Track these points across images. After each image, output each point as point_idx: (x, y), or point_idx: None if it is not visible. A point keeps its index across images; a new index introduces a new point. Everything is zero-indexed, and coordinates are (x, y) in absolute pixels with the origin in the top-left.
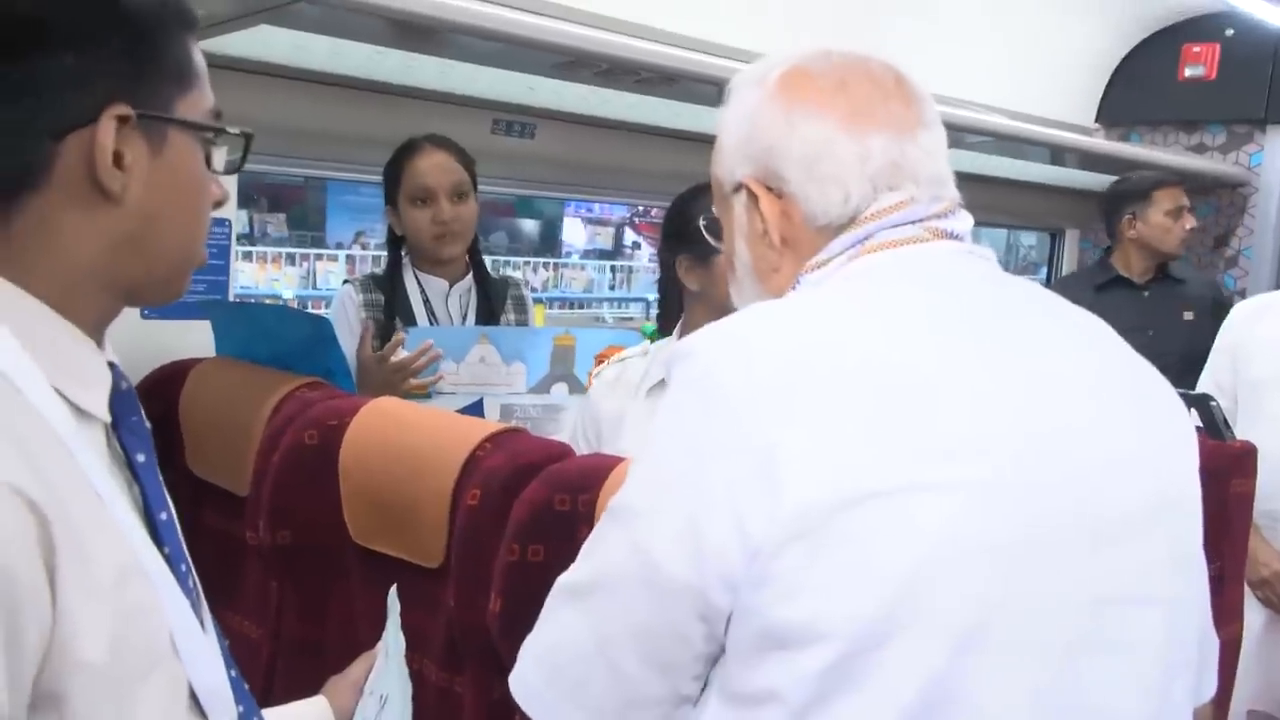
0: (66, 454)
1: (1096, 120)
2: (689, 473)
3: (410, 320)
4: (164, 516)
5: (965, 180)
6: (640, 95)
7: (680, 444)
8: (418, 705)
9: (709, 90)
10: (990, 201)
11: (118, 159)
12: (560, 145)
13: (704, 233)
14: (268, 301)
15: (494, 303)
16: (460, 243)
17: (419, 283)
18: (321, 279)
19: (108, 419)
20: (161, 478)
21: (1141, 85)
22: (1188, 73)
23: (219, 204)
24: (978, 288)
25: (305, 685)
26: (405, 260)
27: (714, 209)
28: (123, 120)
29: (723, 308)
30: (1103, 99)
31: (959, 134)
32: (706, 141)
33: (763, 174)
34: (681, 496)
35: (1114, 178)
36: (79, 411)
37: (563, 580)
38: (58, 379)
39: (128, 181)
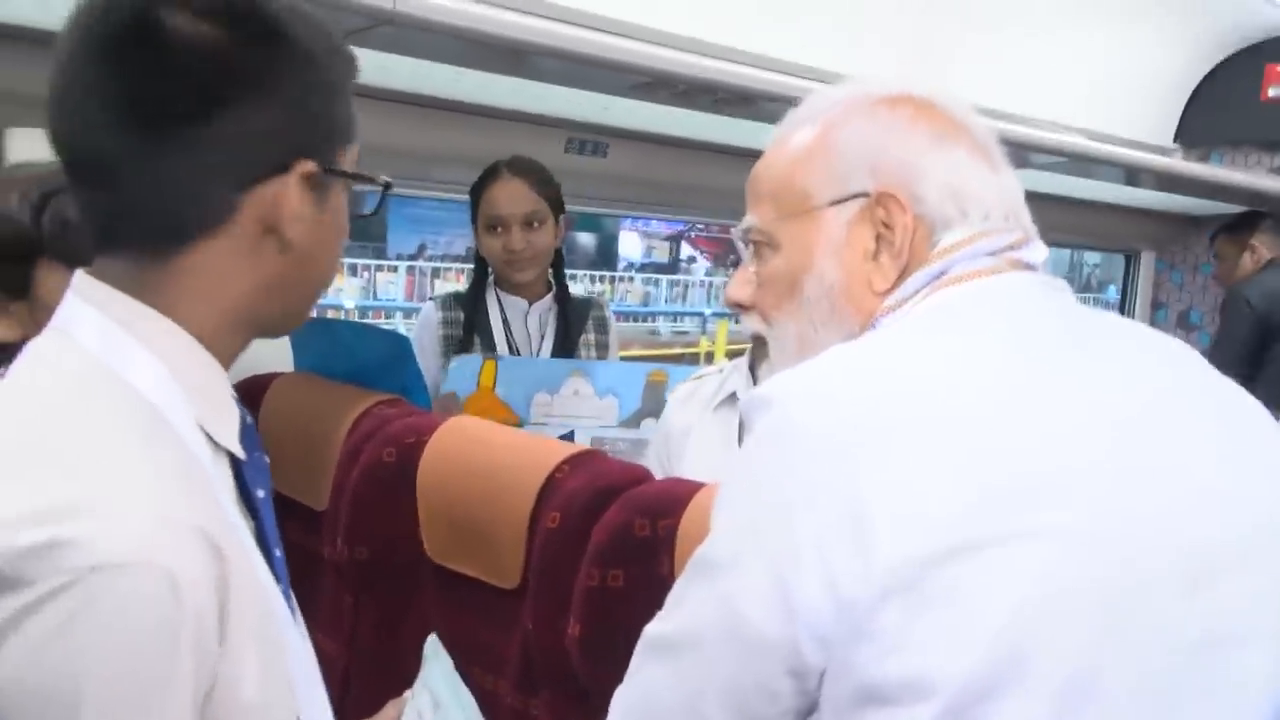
0: (214, 491)
1: (1175, 140)
2: (773, 527)
3: (488, 338)
4: (278, 553)
5: (1039, 200)
6: (714, 115)
7: (762, 496)
8: None
9: (785, 110)
10: (1064, 222)
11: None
12: (632, 163)
13: (742, 245)
14: (330, 313)
15: (573, 323)
16: (532, 269)
17: (499, 302)
18: (382, 290)
19: (242, 454)
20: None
21: (1223, 105)
22: (1271, 92)
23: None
24: (1058, 320)
25: (380, 699)
26: (490, 279)
27: (761, 224)
28: (309, 175)
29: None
30: (1182, 119)
31: (1033, 153)
32: None
33: (896, 190)
34: (766, 551)
35: (1193, 199)
36: (215, 446)
37: (650, 632)
38: (200, 412)
39: (300, 229)
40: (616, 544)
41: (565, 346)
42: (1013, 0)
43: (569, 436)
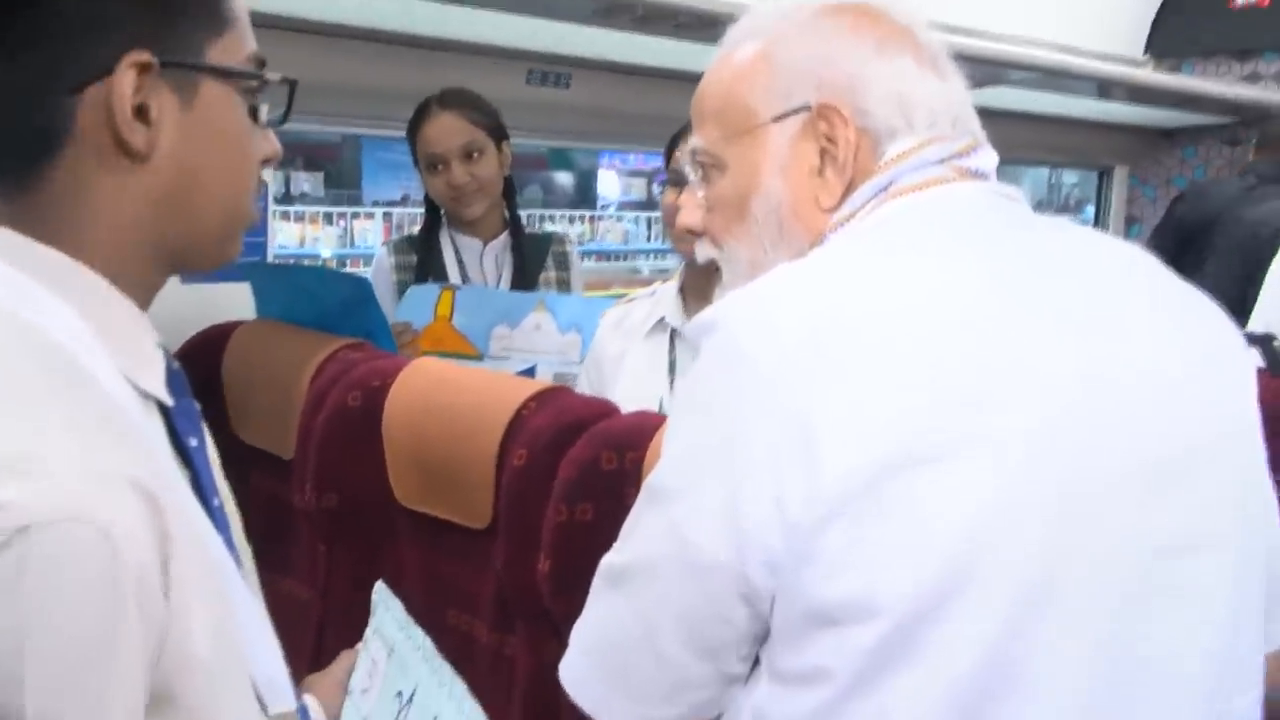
0: (145, 439)
1: (1146, 52)
2: (721, 449)
3: (442, 280)
4: (216, 503)
5: (1009, 118)
6: (677, 41)
7: (710, 420)
8: (469, 667)
9: None
10: (1035, 140)
11: (142, 112)
12: (596, 94)
13: (690, 168)
14: (306, 262)
15: (530, 260)
16: (480, 201)
17: (454, 243)
18: (359, 238)
19: (169, 401)
20: (212, 461)
21: (1192, 14)
22: (1239, 0)
23: (269, 160)
24: (1008, 230)
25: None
26: (444, 221)
27: (707, 145)
28: (144, 69)
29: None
30: (1152, 30)
31: (1001, 69)
32: None
33: (839, 103)
34: (715, 475)
35: (1165, 111)
36: (142, 394)
37: (605, 563)
38: (120, 358)
39: (156, 136)
40: (584, 478)
41: (523, 284)
42: None
43: (529, 371)
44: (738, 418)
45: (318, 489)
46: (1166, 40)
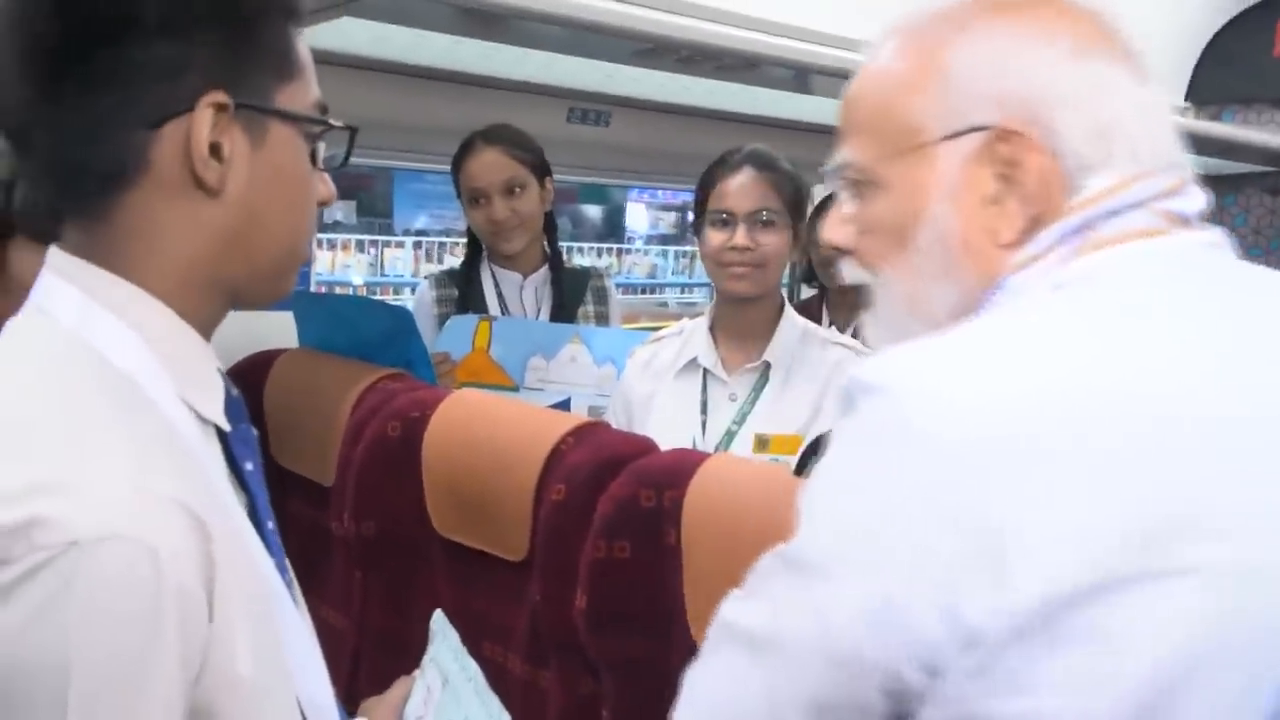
0: (200, 464)
1: (1186, 99)
2: (880, 538)
3: (482, 313)
4: (270, 526)
5: None
6: (716, 81)
7: (875, 504)
8: (503, 700)
9: (787, 75)
10: None
11: (215, 150)
12: (635, 132)
13: (845, 190)
14: (339, 289)
15: (569, 294)
16: (521, 236)
17: (494, 277)
18: (389, 265)
19: (227, 427)
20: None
21: (1234, 62)
22: None
23: (325, 203)
24: (1230, 299)
25: (390, 674)
26: (484, 254)
27: (860, 161)
28: (220, 109)
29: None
30: (1193, 77)
31: None
32: (781, 125)
33: (1025, 123)
34: (871, 566)
35: (1204, 158)
36: (200, 419)
37: (731, 617)
38: (182, 385)
39: (226, 174)
40: (622, 515)
41: (562, 318)
42: None
43: (564, 404)
44: (905, 507)
45: (356, 517)
46: (1207, 88)
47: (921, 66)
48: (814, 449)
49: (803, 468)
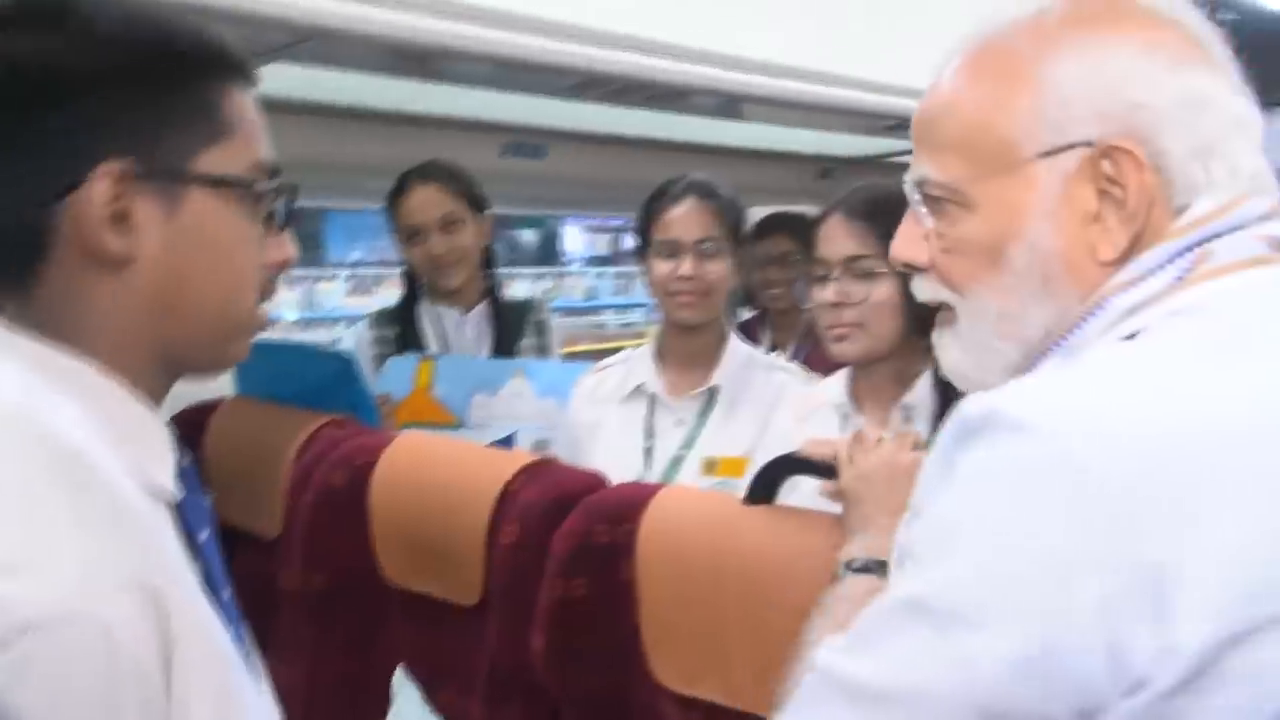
0: (153, 536)
1: None
2: (1043, 586)
3: (422, 351)
4: (226, 595)
5: None
6: (651, 111)
7: (1033, 546)
8: None
9: (719, 103)
10: None
11: (122, 218)
12: (572, 164)
13: (924, 206)
14: (269, 326)
15: (509, 329)
16: (460, 272)
17: (433, 314)
18: (322, 300)
19: (179, 496)
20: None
21: None
22: None
23: (282, 264)
24: None
25: None
26: (421, 291)
27: (945, 178)
28: (122, 177)
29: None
30: None
31: None
32: (715, 152)
33: (1130, 141)
34: (1032, 615)
35: None
36: (152, 490)
37: (838, 670)
38: (131, 456)
39: (137, 243)
40: (577, 553)
41: (503, 353)
42: None
43: (509, 439)
44: (1068, 546)
45: (305, 568)
46: None
47: (1013, 82)
48: (764, 476)
49: (753, 495)
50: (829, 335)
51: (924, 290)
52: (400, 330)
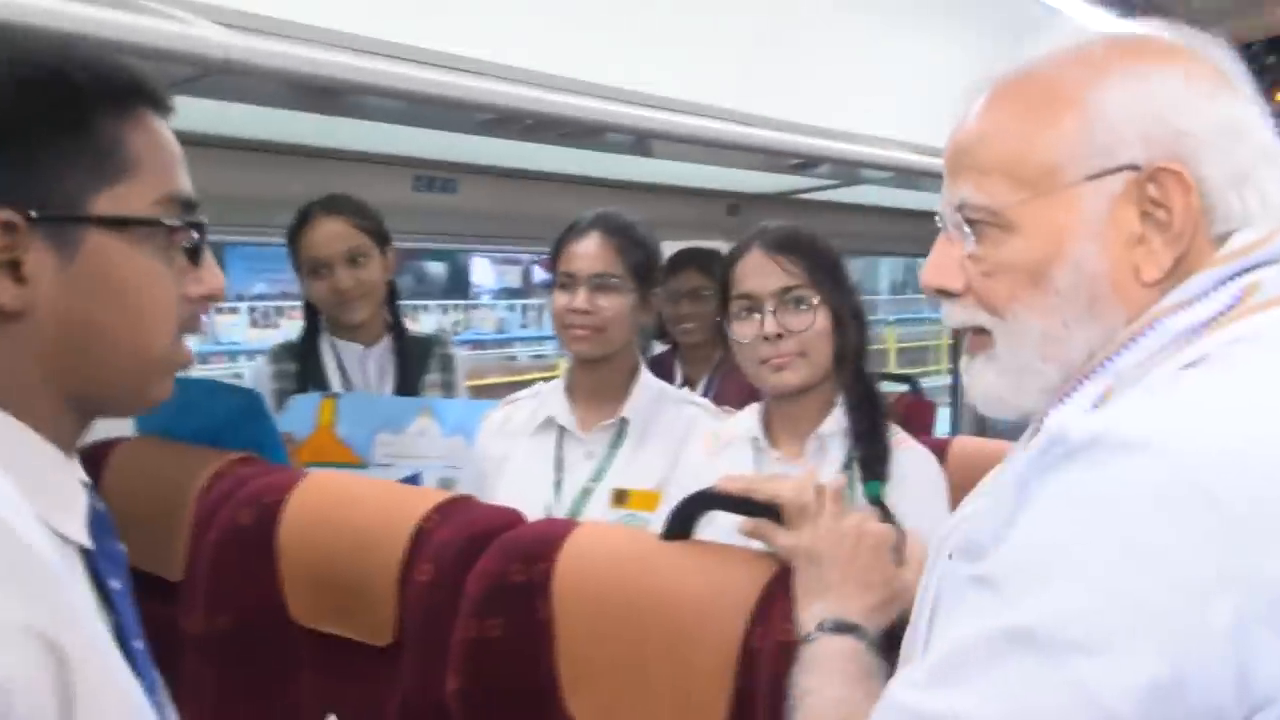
0: (59, 586)
1: None
2: (1177, 611)
3: (324, 389)
4: (139, 645)
5: (869, 212)
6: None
7: (1158, 571)
8: None
9: (630, 139)
10: (895, 232)
11: (12, 268)
12: (483, 198)
13: (967, 226)
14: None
15: (414, 364)
16: (365, 306)
17: (335, 349)
18: (223, 333)
19: (89, 544)
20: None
21: None
22: None
23: (207, 298)
24: None
25: None
26: (323, 326)
27: (987, 202)
28: (9, 227)
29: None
30: None
31: (860, 169)
32: (626, 187)
33: (1176, 165)
34: (1163, 638)
35: None
36: (61, 538)
37: (926, 707)
38: (39, 504)
39: (32, 293)
40: (492, 592)
41: (406, 389)
42: (839, 21)
43: (414, 478)
44: (1199, 570)
45: (209, 611)
46: None
47: (1059, 108)
48: (682, 512)
49: (671, 530)
50: (767, 367)
51: (957, 316)
52: (301, 366)
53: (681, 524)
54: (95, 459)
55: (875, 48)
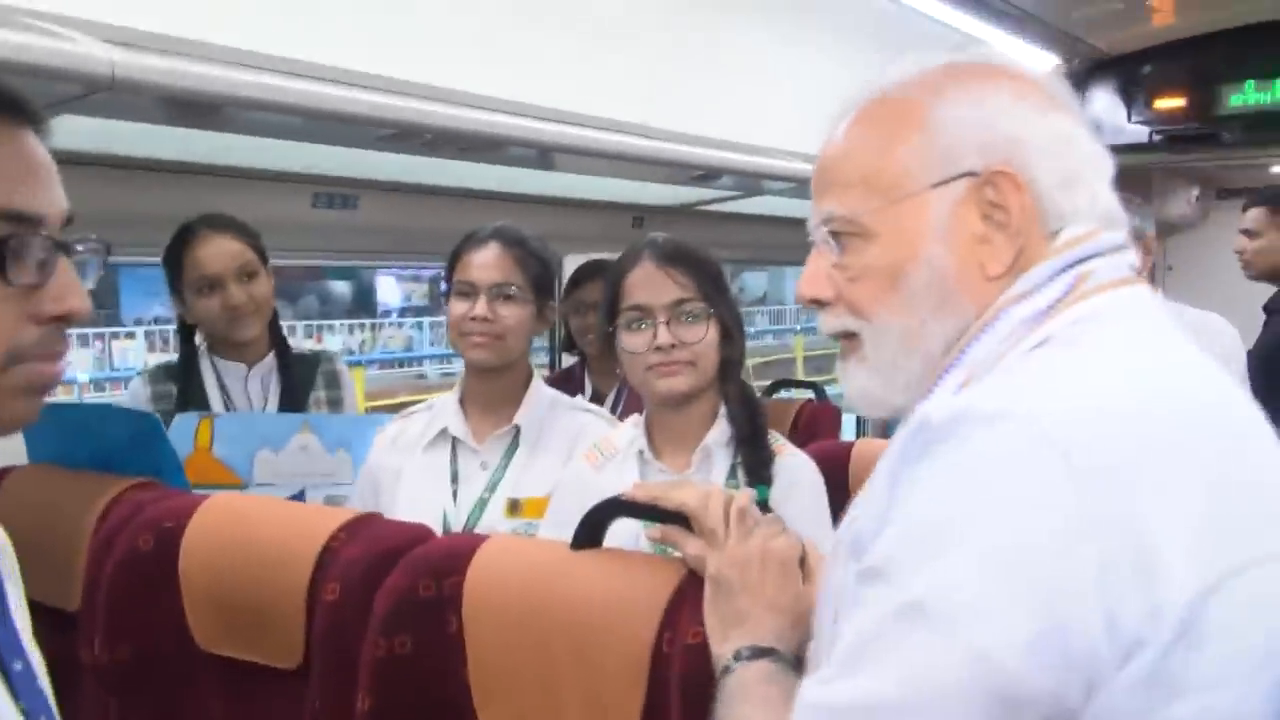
0: None
1: None
2: (1046, 562)
3: (205, 410)
4: (19, 667)
5: (773, 223)
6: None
7: (1026, 527)
8: None
9: (531, 153)
10: (800, 241)
11: None
12: (384, 214)
13: (829, 238)
14: (62, 389)
15: (298, 382)
16: (257, 322)
17: (215, 369)
18: (119, 358)
19: None
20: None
21: None
22: None
23: (62, 318)
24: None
25: None
26: (201, 346)
27: (847, 213)
28: None
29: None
30: None
31: (761, 180)
32: (527, 200)
33: (1008, 168)
34: (1038, 590)
35: None
36: None
37: (836, 699)
38: None
39: None
40: (401, 609)
41: (292, 407)
42: (738, 36)
43: (299, 497)
44: (1061, 521)
45: (108, 640)
46: None
47: (906, 124)
48: (589, 521)
49: (579, 540)
50: (654, 373)
51: (830, 323)
52: (181, 387)
53: (590, 533)
54: None
55: (773, 62)
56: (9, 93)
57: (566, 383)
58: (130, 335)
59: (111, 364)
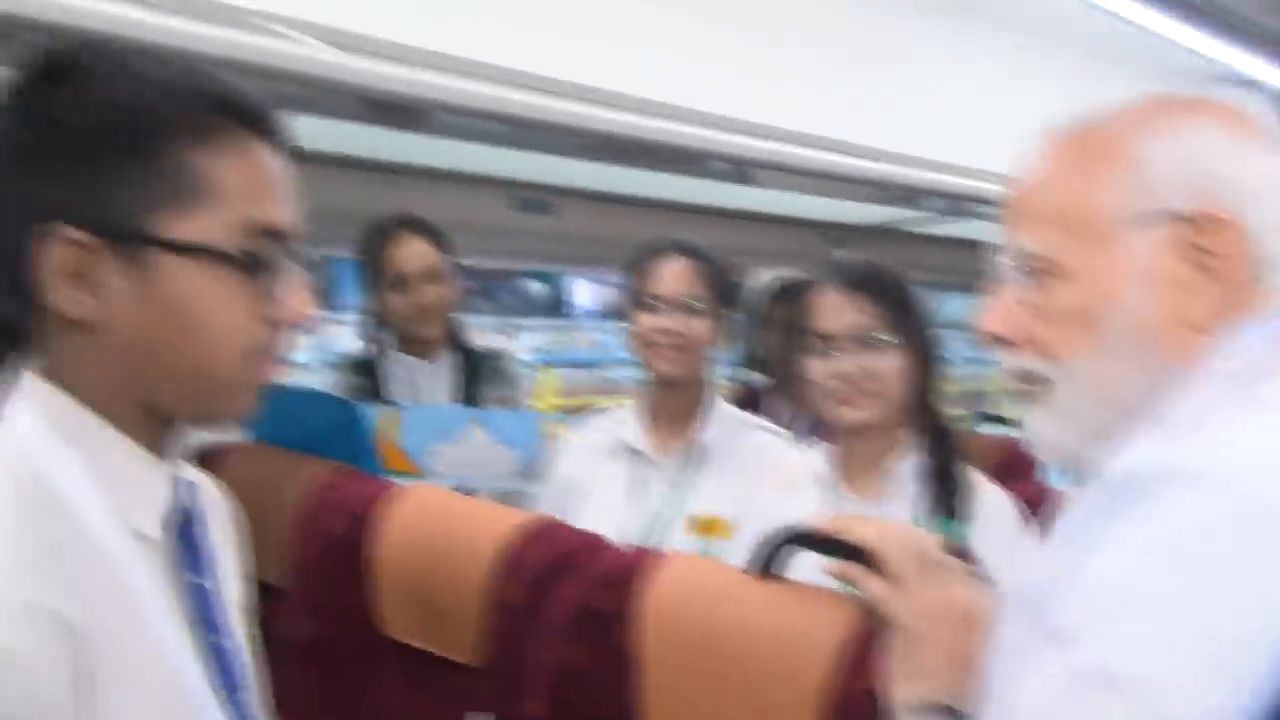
0: (114, 576)
1: None
2: (1241, 635)
3: (388, 403)
4: (227, 645)
5: (976, 247)
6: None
7: (1221, 597)
8: None
9: (728, 167)
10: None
11: (80, 280)
12: (578, 220)
13: (1022, 273)
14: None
15: (476, 379)
16: (441, 322)
17: (400, 364)
18: (332, 344)
19: (158, 536)
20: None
21: None
22: None
23: (291, 321)
24: None
25: None
26: (386, 340)
27: (1041, 249)
28: (77, 242)
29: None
30: None
31: (968, 203)
32: (723, 214)
33: (1223, 212)
34: (1228, 667)
35: None
36: (134, 530)
37: None
38: (116, 498)
39: (103, 306)
40: (577, 619)
41: (470, 403)
42: (948, 55)
43: (467, 490)
44: (1258, 602)
45: (303, 618)
46: None
47: (1108, 159)
48: (767, 548)
49: (757, 567)
50: (833, 401)
51: (1015, 364)
52: (371, 379)
53: (767, 560)
54: (209, 464)
55: (983, 79)
56: (255, 107)
57: (756, 409)
58: (341, 323)
59: (326, 349)
